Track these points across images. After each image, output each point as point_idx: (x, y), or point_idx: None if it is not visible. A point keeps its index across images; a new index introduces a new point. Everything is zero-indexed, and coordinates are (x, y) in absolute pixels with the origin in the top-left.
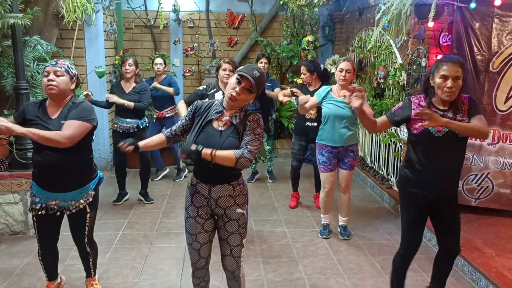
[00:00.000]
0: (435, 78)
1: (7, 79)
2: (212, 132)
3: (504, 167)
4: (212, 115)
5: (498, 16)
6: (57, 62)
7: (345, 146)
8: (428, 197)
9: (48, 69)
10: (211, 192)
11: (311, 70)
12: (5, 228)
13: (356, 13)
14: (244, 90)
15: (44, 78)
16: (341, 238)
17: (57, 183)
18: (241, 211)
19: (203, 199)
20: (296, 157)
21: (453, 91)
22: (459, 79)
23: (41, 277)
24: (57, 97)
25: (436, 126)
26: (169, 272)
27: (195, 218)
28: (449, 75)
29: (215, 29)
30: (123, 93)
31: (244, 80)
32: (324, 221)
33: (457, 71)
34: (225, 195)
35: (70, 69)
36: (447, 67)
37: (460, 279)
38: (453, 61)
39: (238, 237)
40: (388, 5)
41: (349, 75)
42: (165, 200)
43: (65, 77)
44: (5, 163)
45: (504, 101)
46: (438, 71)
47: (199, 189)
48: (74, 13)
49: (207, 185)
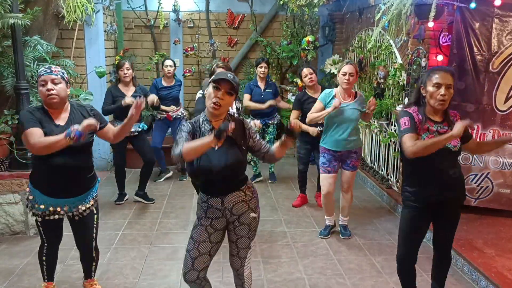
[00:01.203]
0: (427, 87)
1: (7, 79)
2: (211, 151)
3: (504, 167)
4: (205, 135)
5: (498, 16)
6: (51, 69)
7: (348, 150)
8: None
9: (44, 78)
10: (224, 203)
11: (315, 70)
12: (5, 228)
13: (356, 13)
14: (225, 94)
15: (42, 88)
16: (342, 237)
17: (63, 188)
18: (254, 215)
19: (218, 211)
20: (303, 161)
21: (446, 99)
22: (451, 88)
23: (41, 277)
24: (58, 105)
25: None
26: (169, 272)
27: (205, 227)
28: (442, 83)
29: (215, 29)
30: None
31: (222, 85)
32: (327, 222)
33: (449, 79)
34: (238, 202)
35: (64, 74)
36: (439, 76)
37: (460, 279)
38: (445, 70)
39: (247, 240)
40: (388, 5)
41: (353, 78)
42: (165, 200)
43: (62, 84)
44: (5, 163)
45: (504, 101)
46: (430, 79)
47: (211, 203)
48: (74, 13)
49: (219, 198)
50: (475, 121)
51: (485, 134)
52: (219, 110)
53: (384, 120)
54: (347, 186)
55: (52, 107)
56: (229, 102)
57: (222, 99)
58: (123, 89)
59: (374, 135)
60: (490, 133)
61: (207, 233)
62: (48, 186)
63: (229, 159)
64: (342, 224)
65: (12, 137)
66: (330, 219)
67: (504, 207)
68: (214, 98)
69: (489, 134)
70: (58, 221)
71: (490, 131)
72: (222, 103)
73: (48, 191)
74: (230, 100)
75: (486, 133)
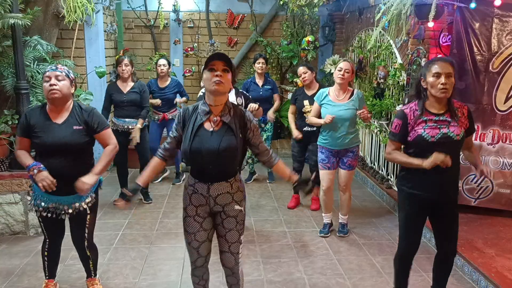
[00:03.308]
0: (428, 78)
1: (7, 79)
2: (206, 134)
3: (504, 167)
4: (201, 118)
5: (498, 16)
6: (57, 66)
7: (345, 148)
8: (427, 199)
9: (49, 74)
10: (209, 190)
11: (311, 68)
12: (5, 228)
13: (356, 13)
14: (223, 72)
15: (46, 83)
16: (338, 235)
17: (61, 187)
18: (239, 208)
19: (202, 198)
20: (297, 159)
21: (447, 87)
22: (451, 76)
23: (41, 277)
24: (60, 101)
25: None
26: (169, 272)
27: (193, 217)
28: (441, 72)
29: (215, 29)
30: (121, 93)
31: (216, 64)
32: (325, 220)
33: (448, 68)
34: (223, 192)
35: (69, 73)
36: (438, 65)
37: (460, 279)
38: (444, 59)
39: (236, 233)
40: (388, 5)
41: (348, 75)
42: (165, 200)
43: (66, 81)
44: (5, 163)
45: (504, 101)
46: (429, 70)
47: (197, 188)
48: (74, 13)
49: (205, 184)
50: (475, 121)
51: (485, 134)
52: (222, 86)
53: (384, 120)
54: (344, 186)
55: (54, 103)
56: (228, 79)
57: (221, 75)
58: (120, 85)
59: (374, 135)
60: (490, 133)
61: (198, 223)
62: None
63: (222, 144)
64: (341, 223)
65: (12, 137)
66: (328, 216)
67: (504, 207)
68: (213, 77)
69: (489, 134)
70: (59, 218)
71: (490, 131)
72: (223, 80)
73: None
74: (228, 77)
75: (486, 133)
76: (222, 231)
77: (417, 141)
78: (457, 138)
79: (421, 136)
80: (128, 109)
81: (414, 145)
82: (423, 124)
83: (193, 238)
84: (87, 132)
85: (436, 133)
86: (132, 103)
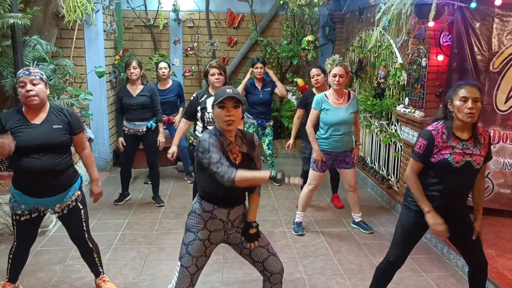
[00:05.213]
0: (454, 102)
1: (7, 79)
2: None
3: (505, 167)
4: (225, 148)
5: (499, 16)
6: (30, 70)
7: (345, 150)
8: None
9: (23, 79)
10: (229, 215)
11: (324, 71)
12: (5, 228)
13: (357, 12)
14: (232, 109)
15: (21, 89)
16: (366, 232)
17: (43, 188)
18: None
19: (220, 223)
20: (308, 161)
21: (474, 112)
22: (478, 101)
23: (40, 278)
24: (38, 106)
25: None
26: (168, 272)
27: (203, 241)
28: (468, 97)
29: (215, 28)
30: (131, 97)
31: (227, 103)
32: (298, 218)
33: (476, 93)
34: (240, 215)
35: (42, 75)
36: (466, 90)
37: (460, 279)
38: (471, 84)
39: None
40: (388, 4)
41: (343, 80)
42: (165, 200)
43: (41, 85)
44: (4, 163)
45: (505, 101)
46: (456, 94)
47: (216, 214)
48: (74, 13)
49: (226, 209)
50: None
51: None
52: (235, 124)
53: (385, 120)
54: (354, 185)
55: (32, 108)
56: (238, 114)
57: (232, 115)
58: (130, 88)
59: (374, 135)
60: (490, 133)
61: (204, 247)
62: (26, 187)
63: None
64: (360, 221)
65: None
66: (302, 215)
67: (504, 207)
68: (225, 117)
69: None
70: (37, 221)
71: (491, 131)
72: (234, 118)
73: (28, 191)
74: (239, 112)
75: None
76: (257, 256)
77: (442, 165)
78: (477, 166)
79: (446, 161)
80: (138, 112)
81: (438, 167)
82: (450, 149)
83: (194, 263)
84: (67, 131)
85: (461, 159)
86: (142, 106)
